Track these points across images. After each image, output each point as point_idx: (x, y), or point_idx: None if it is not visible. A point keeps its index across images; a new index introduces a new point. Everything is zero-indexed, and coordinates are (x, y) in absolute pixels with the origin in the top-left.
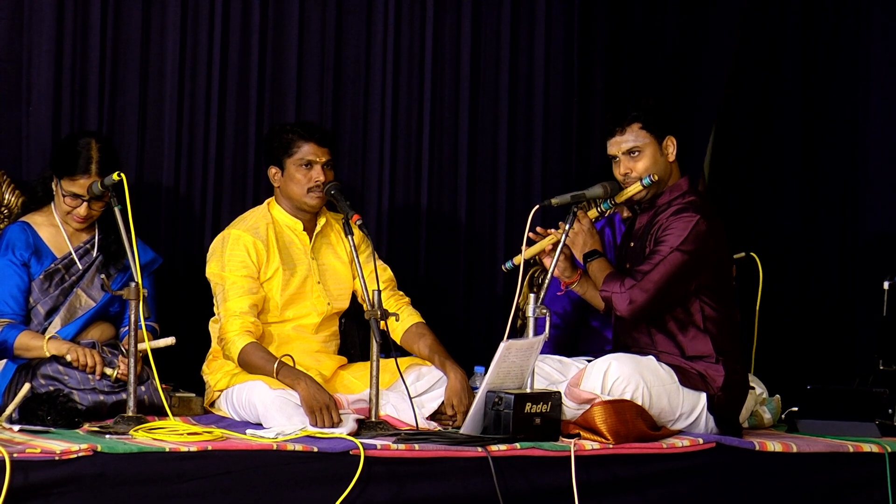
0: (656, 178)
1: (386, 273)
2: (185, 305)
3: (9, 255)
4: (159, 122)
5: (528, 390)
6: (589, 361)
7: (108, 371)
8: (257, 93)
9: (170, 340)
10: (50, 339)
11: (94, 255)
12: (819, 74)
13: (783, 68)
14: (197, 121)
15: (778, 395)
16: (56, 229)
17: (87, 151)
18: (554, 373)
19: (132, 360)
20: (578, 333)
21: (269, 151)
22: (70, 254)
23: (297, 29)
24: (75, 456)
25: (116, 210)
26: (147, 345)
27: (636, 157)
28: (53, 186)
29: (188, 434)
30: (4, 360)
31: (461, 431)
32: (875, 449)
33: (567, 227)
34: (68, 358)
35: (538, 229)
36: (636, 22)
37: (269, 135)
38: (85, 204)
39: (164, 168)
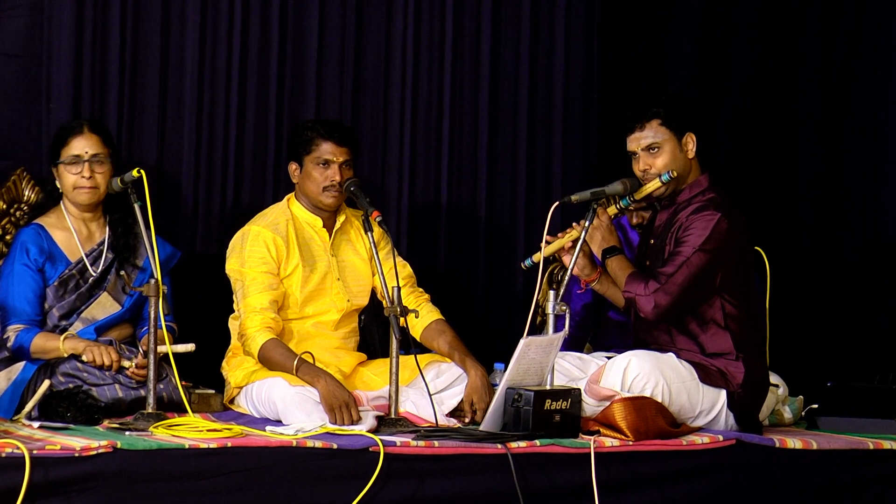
0: (675, 174)
1: (405, 269)
2: (205, 302)
3: (24, 259)
4: (179, 117)
5: (548, 387)
6: (608, 358)
7: (126, 363)
8: (277, 87)
9: (189, 347)
10: (66, 338)
11: (109, 256)
12: (839, 67)
13: (804, 64)
14: (217, 116)
15: (801, 396)
16: (68, 233)
17: (76, 119)
18: (574, 369)
19: (152, 357)
20: (598, 327)
21: (291, 148)
22: (82, 259)
23: (316, 23)
24: (95, 453)
25: (136, 207)
26: (168, 348)
27: (655, 154)
28: (56, 178)
29: (208, 431)
30: (23, 362)
31: (481, 428)
32: (895, 446)
33: (587, 223)
34: (84, 358)
35: (558, 234)
36: (657, 16)
37: (291, 131)
38: (86, 165)
39: (184, 164)
